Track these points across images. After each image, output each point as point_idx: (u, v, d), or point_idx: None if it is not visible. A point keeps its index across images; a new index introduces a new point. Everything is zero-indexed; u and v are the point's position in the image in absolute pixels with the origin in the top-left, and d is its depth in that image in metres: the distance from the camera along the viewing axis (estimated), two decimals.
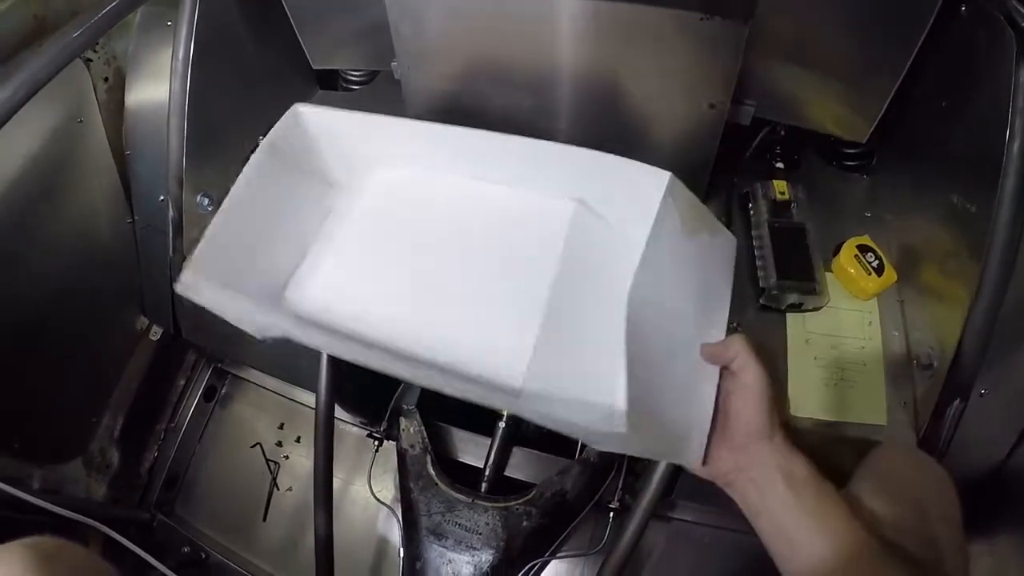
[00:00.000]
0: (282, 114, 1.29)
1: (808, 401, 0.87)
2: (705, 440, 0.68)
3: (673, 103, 0.92)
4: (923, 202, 0.95)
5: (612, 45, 0.87)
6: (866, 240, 0.95)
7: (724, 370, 0.71)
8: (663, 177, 0.74)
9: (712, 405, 0.70)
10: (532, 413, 0.65)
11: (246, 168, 0.83)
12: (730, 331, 0.79)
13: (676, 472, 0.91)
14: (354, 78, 1.42)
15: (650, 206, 0.74)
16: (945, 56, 0.89)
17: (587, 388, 0.71)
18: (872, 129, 0.93)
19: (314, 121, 0.89)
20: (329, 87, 1.43)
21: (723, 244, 0.83)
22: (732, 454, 0.67)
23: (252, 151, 1.07)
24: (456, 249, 0.86)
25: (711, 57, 0.84)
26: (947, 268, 0.88)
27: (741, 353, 0.68)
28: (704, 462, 0.69)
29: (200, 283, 0.74)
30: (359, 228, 0.91)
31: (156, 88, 1.12)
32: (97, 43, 1.15)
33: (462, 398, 0.66)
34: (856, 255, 0.93)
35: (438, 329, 0.78)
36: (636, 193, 0.76)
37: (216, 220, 0.79)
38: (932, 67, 0.90)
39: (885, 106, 0.90)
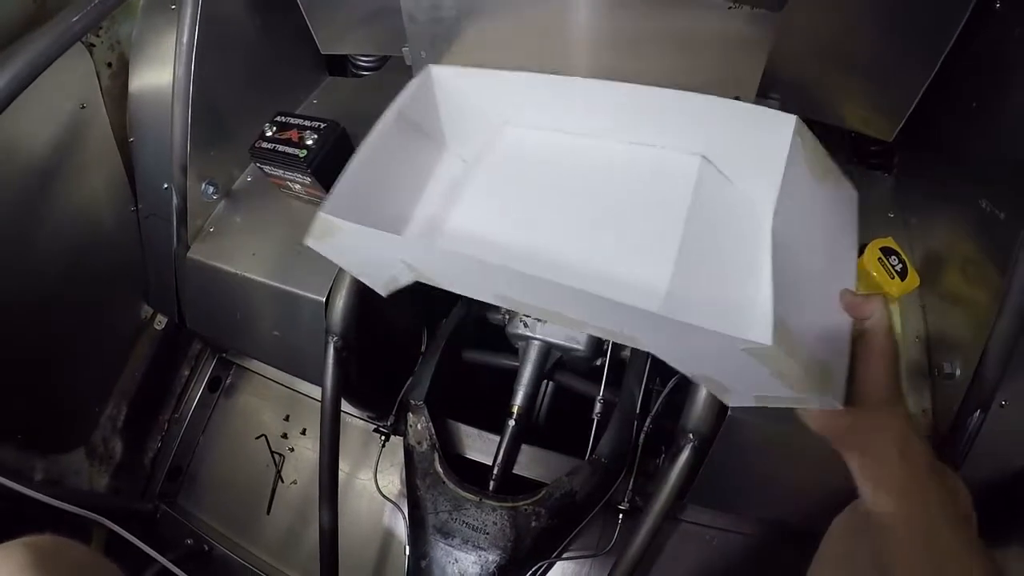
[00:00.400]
0: (289, 100, 1.28)
1: None
2: (845, 381, 0.64)
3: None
4: (949, 205, 0.92)
5: (635, 31, 0.84)
6: (889, 242, 0.92)
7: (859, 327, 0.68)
8: (790, 120, 0.74)
9: (849, 349, 0.65)
10: (672, 330, 0.62)
11: (378, 124, 0.85)
12: None
13: (690, 475, 0.89)
14: (364, 64, 1.39)
15: (779, 150, 0.74)
16: (977, 54, 0.86)
17: (730, 304, 0.71)
18: (900, 128, 0.91)
19: (443, 81, 0.90)
20: (338, 73, 1.41)
21: (847, 196, 0.81)
22: (852, 415, 0.63)
23: (258, 140, 1.06)
24: (584, 197, 0.86)
25: (738, 47, 0.81)
26: (971, 274, 0.86)
27: (879, 312, 0.64)
28: (829, 427, 0.66)
29: (339, 222, 0.74)
30: (487, 179, 0.90)
31: (160, 74, 1.10)
32: (100, 28, 1.13)
33: (603, 333, 0.65)
34: (880, 258, 0.91)
35: (574, 258, 0.78)
36: (762, 138, 0.76)
37: (348, 169, 0.80)
38: (963, 65, 0.87)
39: (914, 104, 0.87)
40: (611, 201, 0.84)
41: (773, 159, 0.74)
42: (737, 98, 0.86)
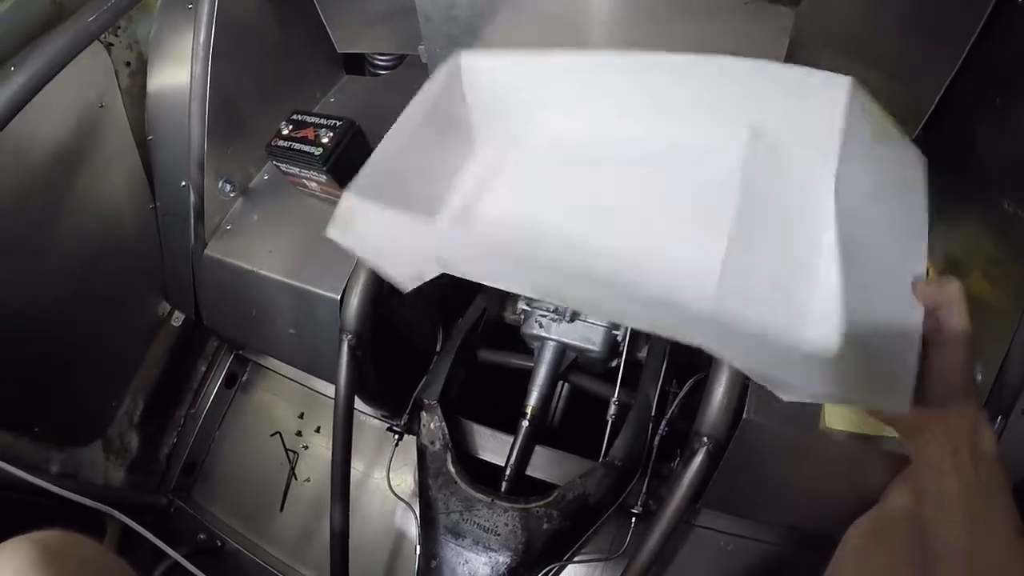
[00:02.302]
0: (306, 99, 1.28)
1: (843, 415, 0.83)
2: (913, 382, 0.59)
3: None
4: (971, 205, 0.90)
5: (651, 30, 0.83)
6: None
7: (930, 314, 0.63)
8: (842, 82, 0.67)
9: (919, 344, 0.61)
10: (725, 327, 0.58)
11: (406, 113, 0.81)
12: None
13: (704, 478, 0.88)
14: (381, 62, 1.39)
15: (833, 117, 0.67)
16: (999, 50, 0.84)
17: (790, 299, 0.65)
18: (921, 126, 0.89)
19: (472, 69, 0.85)
20: (355, 71, 1.41)
21: (912, 161, 0.73)
22: (924, 406, 0.60)
23: (274, 139, 1.06)
24: (627, 181, 0.79)
25: (755, 45, 0.80)
26: (994, 277, 0.83)
27: (956, 300, 0.61)
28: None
29: (364, 204, 0.71)
30: (520, 165, 0.86)
31: (178, 73, 1.11)
32: (118, 27, 1.14)
33: (648, 325, 0.61)
34: None
35: (618, 244, 0.73)
36: (814, 105, 0.69)
37: (376, 153, 0.78)
38: (985, 61, 0.85)
39: (936, 102, 0.86)
40: (656, 184, 0.78)
41: (828, 128, 0.68)
42: None
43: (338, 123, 1.06)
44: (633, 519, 1.04)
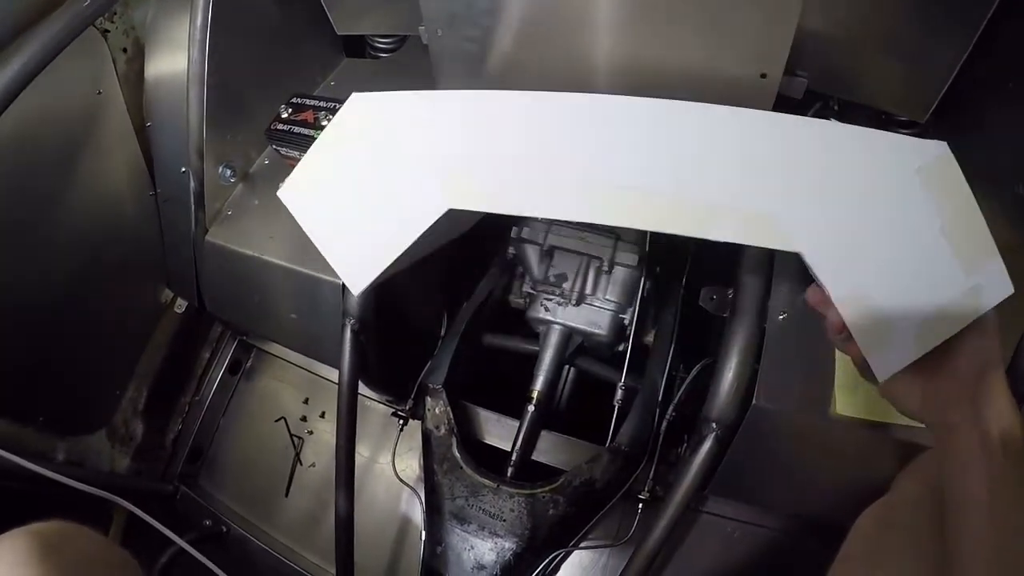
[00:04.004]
0: (306, 83, 1.26)
1: (854, 401, 0.82)
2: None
3: (722, 71, 0.86)
4: (983, 191, 0.88)
5: (658, 6, 0.81)
6: None
7: None
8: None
9: None
10: (827, 173, 0.57)
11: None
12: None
13: (713, 465, 0.87)
14: (382, 45, 1.37)
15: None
16: (1012, 32, 0.82)
17: None
18: (933, 108, 0.87)
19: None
20: (356, 54, 1.39)
21: None
22: (954, 386, 0.60)
23: (273, 122, 1.05)
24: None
25: (765, 21, 0.78)
26: (1007, 264, 0.82)
27: None
28: (920, 398, 0.63)
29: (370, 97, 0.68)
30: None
31: (176, 58, 1.09)
32: (114, 13, 1.11)
33: (721, 207, 0.58)
34: None
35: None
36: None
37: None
38: (997, 44, 0.83)
39: (948, 83, 0.84)
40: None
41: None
42: (764, 76, 0.83)
43: (337, 105, 1.04)
44: (640, 505, 1.04)
